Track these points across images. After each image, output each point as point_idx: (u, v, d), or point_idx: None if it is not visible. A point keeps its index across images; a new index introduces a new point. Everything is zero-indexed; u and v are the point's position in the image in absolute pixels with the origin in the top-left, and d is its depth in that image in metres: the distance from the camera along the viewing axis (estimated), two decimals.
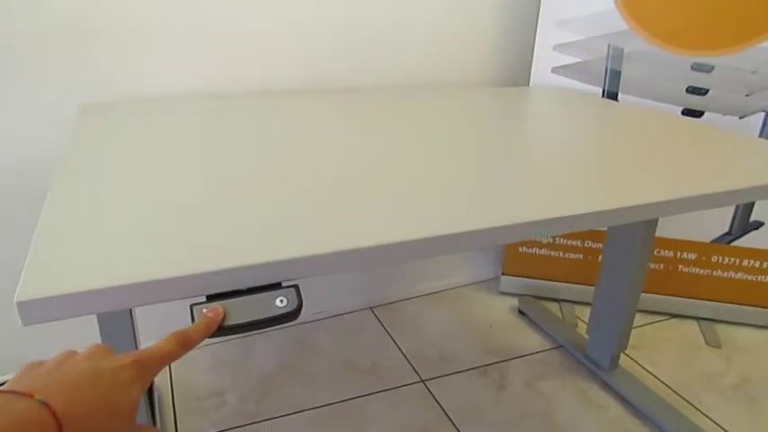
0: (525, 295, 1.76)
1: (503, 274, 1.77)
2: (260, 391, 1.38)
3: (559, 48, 1.47)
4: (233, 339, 1.56)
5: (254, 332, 1.56)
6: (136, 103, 1.22)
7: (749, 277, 1.60)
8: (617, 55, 1.44)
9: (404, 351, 1.53)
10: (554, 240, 1.68)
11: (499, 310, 1.73)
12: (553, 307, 1.73)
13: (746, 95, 1.40)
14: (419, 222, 0.62)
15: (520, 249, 1.72)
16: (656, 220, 1.28)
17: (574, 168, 0.84)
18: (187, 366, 1.46)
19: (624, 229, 1.32)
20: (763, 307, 1.62)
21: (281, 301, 0.53)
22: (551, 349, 1.55)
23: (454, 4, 1.50)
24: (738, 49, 1.36)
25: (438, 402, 1.35)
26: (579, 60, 1.47)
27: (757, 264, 1.58)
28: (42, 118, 1.22)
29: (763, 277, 1.59)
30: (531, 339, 1.59)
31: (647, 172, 0.83)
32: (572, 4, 1.42)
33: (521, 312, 1.70)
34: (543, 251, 1.70)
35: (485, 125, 1.11)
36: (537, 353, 1.53)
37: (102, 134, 0.95)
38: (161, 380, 1.41)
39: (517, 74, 1.63)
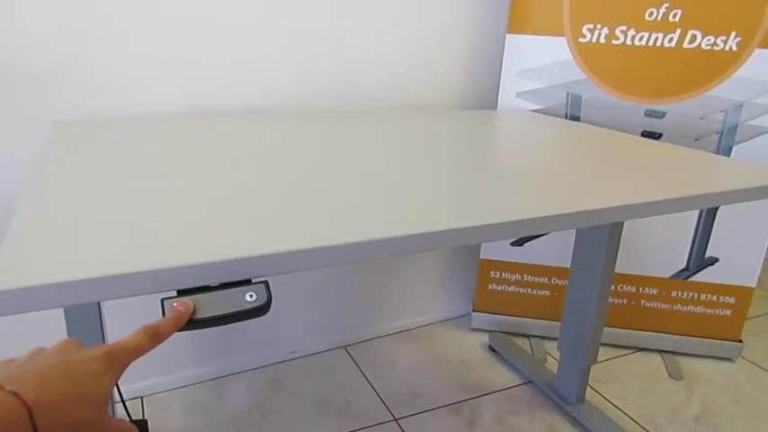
0: (496, 331, 1.80)
1: (474, 310, 1.81)
2: None
3: (522, 95, 1.55)
4: (206, 381, 1.56)
5: (227, 373, 1.57)
6: (113, 120, 1.23)
7: (707, 311, 1.67)
8: (576, 102, 1.53)
9: (377, 389, 1.55)
10: (522, 278, 1.73)
11: (470, 346, 1.76)
12: (523, 343, 1.77)
13: (695, 140, 1.49)
14: (388, 223, 0.64)
15: (490, 287, 1.76)
16: (618, 245, 1.33)
17: (543, 177, 0.88)
18: (161, 408, 1.45)
19: (587, 257, 1.37)
20: (721, 339, 1.69)
21: (251, 296, 0.54)
22: (521, 385, 1.58)
23: (424, 54, 1.58)
24: (687, 98, 1.46)
25: None
26: (541, 107, 1.55)
27: (714, 298, 1.66)
28: (19, 133, 1.23)
29: (720, 311, 1.66)
30: (502, 375, 1.62)
31: (613, 180, 0.88)
32: (533, 55, 1.51)
33: (491, 348, 1.74)
34: (512, 288, 1.75)
35: (458, 140, 1.16)
36: (507, 389, 1.56)
37: (76, 145, 0.96)
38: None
39: None
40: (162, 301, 0.52)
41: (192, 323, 0.52)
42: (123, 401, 0.60)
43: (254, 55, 1.40)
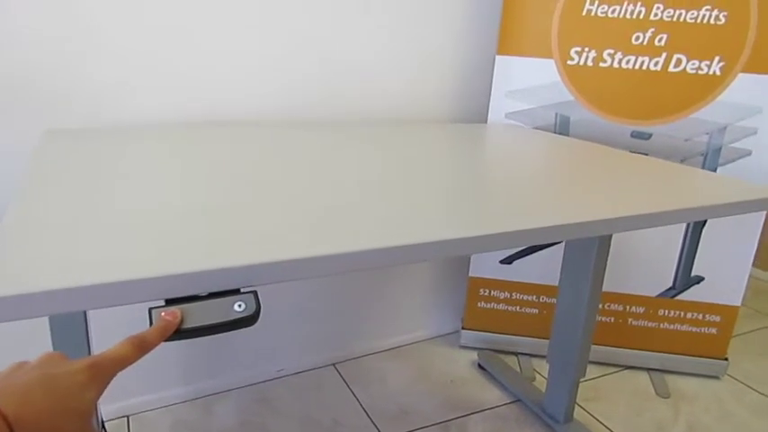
0: (485, 349, 1.80)
1: (463, 328, 1.82)
2: None
3: (511, 115, 1.57)
4: (194, 399, 1.54)
5: (215, 391, 1.55)
6: (106, 129, 1.23)
7: (693, 329, 1.69)
8: (564, 122, 1.55)
9: (365, 407, 1.55)
10: (511, 296, 1.74)
11: (460, 364, 1.76)
12: (512, 360, 1.78)
13: (681, 161, 1.52)
14: (378, 234, 0.64)
15: (479, 305, 1.77)
16: (606, 257, 1.34)
17: (533, 189, 0.89)
18: (147, 427, 1.43)
19: (576, 269, 1.38)
20: (707, 357, 1.71)
21: (240, 306, 0.54)
22: (510, 403, 1.58)
23: (415, 73, 1.60)
24: (672, 120, 1.49)
25: None
26: (530, 127, 1.57)
27: (700, 316, 1.67)
28: (10, 141, 1.23)
29: (706, 329, 1.68)
30: (491, 393, 1.63)
31: (602, 193, 0.89)
32: (522, 76, 1.53)
33: (480, 366, 1.74)
34: (501, 306, 1.76)
35: (448, 153, 1.17)
36: (496, 407, 1.57)
37: (66, 154, 0.96)
38: None
39: None
40: (150, 310, 0.52)
41: (180, 333, 0.52)
42: (102, 422, 0.59)
43: (248, 68, 1.40)
